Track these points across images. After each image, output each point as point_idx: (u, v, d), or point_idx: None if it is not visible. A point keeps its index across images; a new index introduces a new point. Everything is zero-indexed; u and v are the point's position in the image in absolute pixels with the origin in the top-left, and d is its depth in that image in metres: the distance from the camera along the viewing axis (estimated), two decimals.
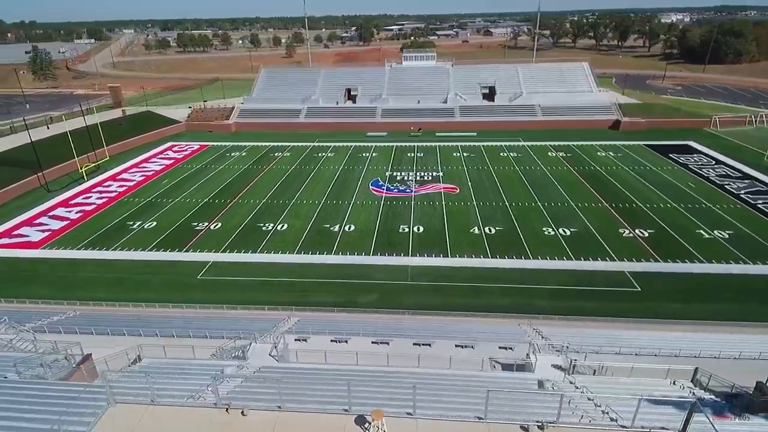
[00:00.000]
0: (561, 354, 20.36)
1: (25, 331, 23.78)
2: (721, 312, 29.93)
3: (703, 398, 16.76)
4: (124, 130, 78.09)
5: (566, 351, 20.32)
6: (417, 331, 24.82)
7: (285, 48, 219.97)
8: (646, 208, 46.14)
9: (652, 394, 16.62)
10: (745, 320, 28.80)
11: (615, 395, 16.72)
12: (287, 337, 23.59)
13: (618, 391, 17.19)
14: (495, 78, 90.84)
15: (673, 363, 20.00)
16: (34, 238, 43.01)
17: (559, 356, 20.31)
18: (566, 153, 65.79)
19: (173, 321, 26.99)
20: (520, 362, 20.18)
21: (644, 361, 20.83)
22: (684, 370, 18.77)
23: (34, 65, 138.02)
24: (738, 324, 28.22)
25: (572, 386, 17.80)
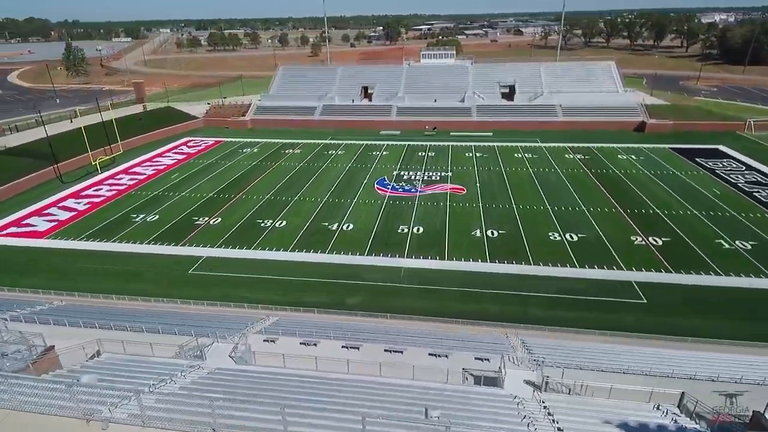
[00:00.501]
0: (537, 368, 18.75)
1: (1, 319, 23.85)
2: (732, 330, 27.41)
3: (685, 427, 14.97)
4: (143, 125, 79.67)
5: (542, 366, 18.68)
6: (393, 336, 23.61)
7: (311, 47, 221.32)
8: (664, 215, 43.34)
9: (626, 420, 14.98)
10: (760, 341, 26.24)
11: (583, 419, 15.17)
12: (256, 337, 22.84)
13: (589, 414, 15.57)
14: (515, 77, 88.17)
15: (663, 384, 18.14)
16: (40, 228, 43.97)
17: (534, 371, 18.73)
18: (585, 155, 62.96)
19: (149, 316, 26.66)
20: (491, 375, 18.71)
21: (630, 380, 19.01)
22: (670, 394, 16.93)
23: (67, 62, 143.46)
24: (751, 344, 25.72)
25: (539, 405, 16.28)
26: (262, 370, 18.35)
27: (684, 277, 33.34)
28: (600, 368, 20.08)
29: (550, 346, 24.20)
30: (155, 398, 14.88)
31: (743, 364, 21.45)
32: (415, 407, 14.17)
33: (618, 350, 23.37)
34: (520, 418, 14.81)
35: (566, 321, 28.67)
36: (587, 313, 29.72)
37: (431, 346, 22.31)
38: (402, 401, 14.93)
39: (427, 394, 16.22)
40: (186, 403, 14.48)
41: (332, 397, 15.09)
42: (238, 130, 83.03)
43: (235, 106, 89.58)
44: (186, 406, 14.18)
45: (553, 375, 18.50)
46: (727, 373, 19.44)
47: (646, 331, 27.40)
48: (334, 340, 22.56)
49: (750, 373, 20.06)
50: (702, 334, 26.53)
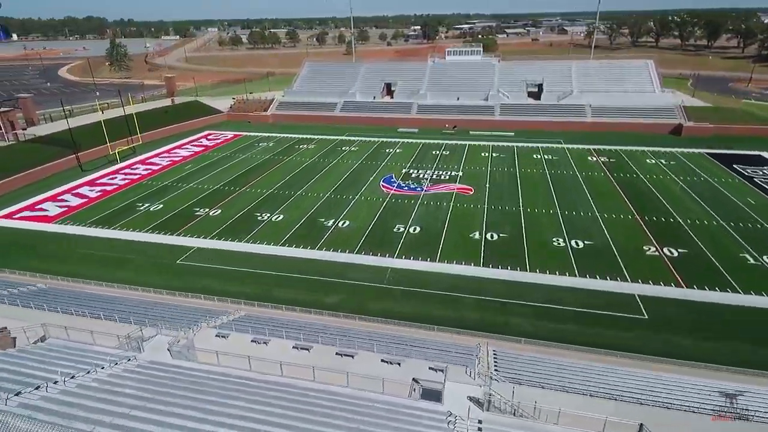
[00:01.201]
0: (484, 385, 16.98)
1: None
2: (743, 355, 24.34)
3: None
4: (169, 118, 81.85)
5: (491, 381, 16.90)
6: (351, 339, 22.29)
7: (345, 46, 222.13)
8: (686, 224, 39.74)
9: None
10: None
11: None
12: (208, 332, 22.16)
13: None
14: (544, 75, 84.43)
15: (629, 412, 15.99)
16: (51, 213, 45.52)
17: (482, 387, 16.97)
18: (609, 158, 59.17)
19: (113, 303, 26.60)
20: (435, 388, 17.08)
21: (593, 405, 16.94)
22: (628, 425, 14.81)
23: (111, 57, 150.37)
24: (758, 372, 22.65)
25: (474, 426, 14.60)
26: (192, 367, 17.57)
27: (696, 293, 30.17)
28: (564, 388, 18.05)
29: (523, 360, 22.21)
30: (59, 390, 14.36)
31: (745, 394, 18.74)
32: (315, 417, 12.92)
33: (596, 369, 21.09)
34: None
35: (551, 333, 26.46)
36: (577, 327, 27.32)
37: (388, 351, 20.87)
38: (306, 410, 13.71)
39: (342, 403, 14.91)
40: (89, 398, 13.89)
41: (236, 399, 14.06)
42: (260, 124, 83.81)
43: (259, 101, 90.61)
44: (87, 401, 13.58)
45: (503, 392, 16.71)
46: (713, 404, 16.98)
47: (641, 350, 24.69)
48: (286, 340, 21.54)
49: (749, 403, 17.49)
50: (706, 358, 23.68)
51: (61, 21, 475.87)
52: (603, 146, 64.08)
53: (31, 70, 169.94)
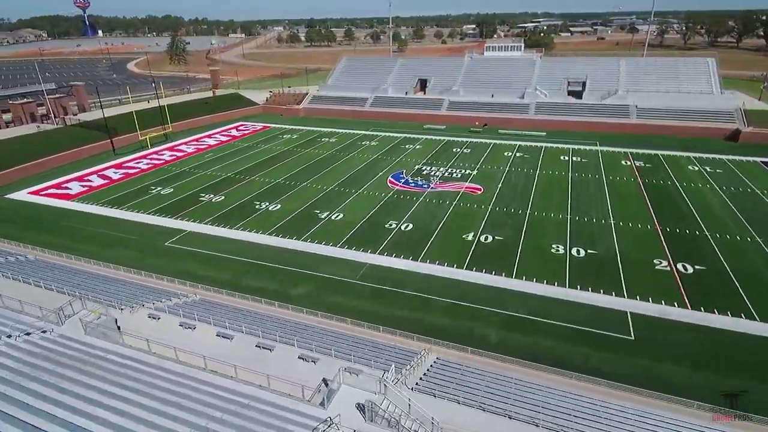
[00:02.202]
0: (378, 393, 15.34)
1: None
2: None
3: None
4: (208, 108, 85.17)
5: (384, 390, 15.20)
6: (286, 332, 21.22)
7: (397, 44, 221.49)
8: (713, 239, 35.07)
9: None
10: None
11: None
12: (142, 312, 22.06)
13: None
14: (589, 73, 78.80)
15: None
16: (73, 191, 48.41)
17: (376, 394, 15.34)
18: (645, 163, 53.90)
19: (71, 274, 27.36)
20: (334, 389, 15.68)
21: (509, 429, 14.86)
22: None
23: (171, 52, 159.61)
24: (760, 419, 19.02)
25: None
26: (101, 346, 17.34)
27: (701, 315, 26.29)
28: (482, 406, 15.99)
29: (463, 371, 20.13)
30: None
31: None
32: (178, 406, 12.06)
33: (539, 389, 18.63)
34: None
35: (517, 347, 24.03)
36: (549, 342, 24.63)
37: (314, 348, 19.63)
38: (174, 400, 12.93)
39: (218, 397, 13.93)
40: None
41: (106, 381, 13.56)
42: (291, 117, 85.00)
43: (293, 94, 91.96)
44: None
45: (418, 403, 15.00)
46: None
47: (611, 375, 21.71)
48: (213, 326, 20.93)
49: None
50: (692, 393, 20.28)
51: (142, 20, 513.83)
52: (642, 150, 58.57)
53: (105, 63, 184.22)
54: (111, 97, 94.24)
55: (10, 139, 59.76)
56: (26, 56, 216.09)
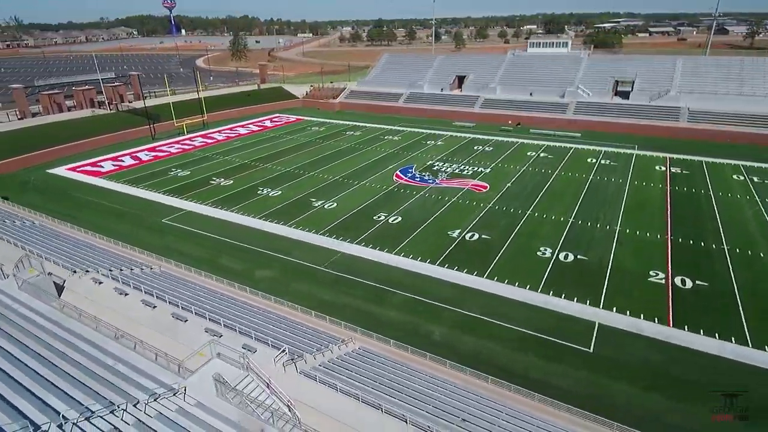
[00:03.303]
0: (240, 367, 14.98)
1: None
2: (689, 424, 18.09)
3: None
4: (250, 100, 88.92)
5: (248, 367, 14.78)
6: (214, 308, 21.44)
7: (455, 42, 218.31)
8: (730, 255, 30.97)
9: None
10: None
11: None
12: (88, 276, 23.27)
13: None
14: (639, 72, 72.71)
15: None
16: (104, 169, 52.44)
17: (241, 370, 15.01)
18: (683, 169, 48.77)
19: (55, 239, 29.44)
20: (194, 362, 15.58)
21: (380, 421, 14.01)
22: None
23: (232, 49, 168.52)
24: None
25: (174, 404, 12.98)
26: (20, 299, 18.51)
27: (683, 335, 23.25)
28: (362, 398, 15.15)
29: (372, 363, 19.24)
30: None
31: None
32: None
33: (437, 391, 17.34)
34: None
35: (458, 348, 22.63)
36: (496, 346, 22.97)
37: (221, 323, 19.55)
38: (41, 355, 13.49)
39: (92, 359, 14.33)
40: None
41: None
42: (327, 111, 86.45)
43: (332, 89, 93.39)
44: None
45: (300, 387, 14.64)
46: None
47: (547, 389, 19.82)
48: (143, 294, 21.62)
49: None
50: (639, 421, 18.02)
51: (222, 20, 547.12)
52: (684, 156, 53.05)
53: (178, 59, 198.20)
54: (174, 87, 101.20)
55: (64, 122, 66.00)
56: (110, 51, 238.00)
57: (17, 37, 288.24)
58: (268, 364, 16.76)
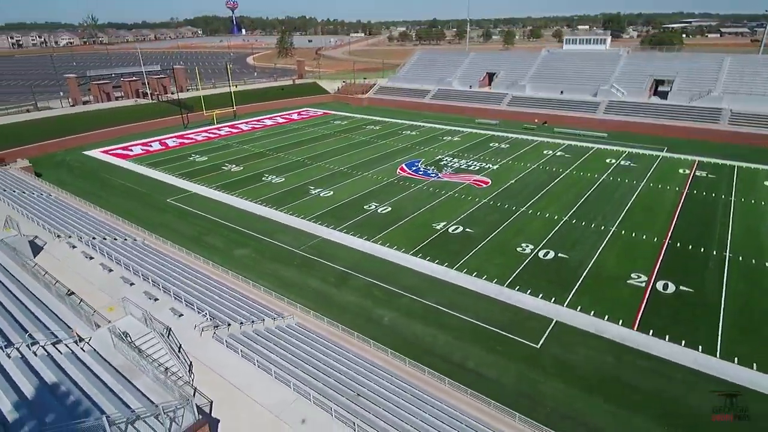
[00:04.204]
0: (147, 325, 15.79)
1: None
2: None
3: None
4: (284, 94, 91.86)
5: (150, 325, 15.54)
6: (167, 276, 22.64)
7: (503, 41, 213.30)
8: (730, 262, 28.56)
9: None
10: None
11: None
12: (68, 241, 25.23)
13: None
14: (681, 71, 67.92)
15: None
16: (132, 153, 56.21)
17: (145, 326, 15.85)
18: (710, 173, 45.21)
19: (55, 208, 32.01)
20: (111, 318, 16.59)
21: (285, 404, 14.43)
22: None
23: (279, 47, 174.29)
24: None
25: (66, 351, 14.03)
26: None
27: (645, 339, 21.78)
28: (274, 374, 15.59)
29: (301, 339, 19.56)
30: None
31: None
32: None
33: (363, 366, 17.39)
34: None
35: (401, 332, 22.56)
36: (439, 333, 22.63)
37: (160, 287, 20.56)
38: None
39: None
40: None
41: None
42: (356, 106, 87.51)
43: (362, 85, 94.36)
44: None
45: (158, 339, 15.37)
46: None
47: (476, 379, 19.37)
48: (106, 258, 23.16)
49: None
50: (556, 415, 17.31)
51: (280, 20, 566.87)
52: (716, 159, 49.09)
53: (230, 56, 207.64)
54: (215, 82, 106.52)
55: (108, 109, 71.32)
56: (170, 49, 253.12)
57: (93, 35, 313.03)
58: (188, 328, 17.54)
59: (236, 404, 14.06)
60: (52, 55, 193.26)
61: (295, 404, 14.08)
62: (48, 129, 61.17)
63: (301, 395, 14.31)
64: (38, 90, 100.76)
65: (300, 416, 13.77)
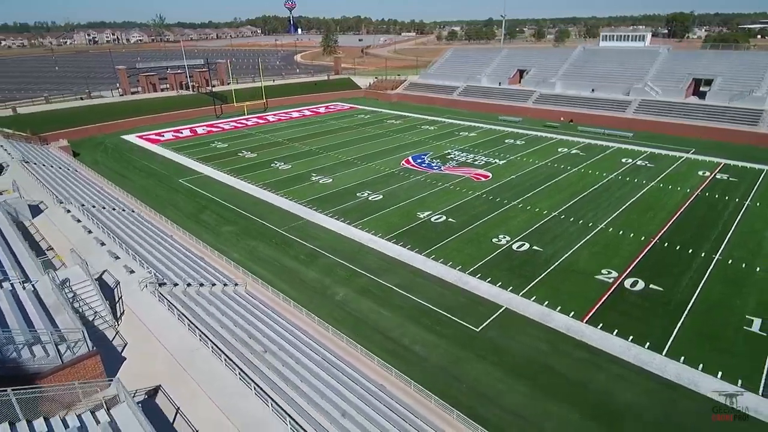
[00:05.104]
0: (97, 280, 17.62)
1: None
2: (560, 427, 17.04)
3: None
4: (317, 88, 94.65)
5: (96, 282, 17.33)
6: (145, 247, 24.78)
7: (554, 40, 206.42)
8: (716, 265, 26.94)
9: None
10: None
11: None
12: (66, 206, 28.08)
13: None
14: (723, 70, 63.39)
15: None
16: (163, 138, 60.44)
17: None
18: (731, 177, 42.27)
19: (74, 182, 35.36)
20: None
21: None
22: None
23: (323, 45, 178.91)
24: None
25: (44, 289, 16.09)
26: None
27: (591, 332, 21.27)
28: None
29: (248, 309, 20.86)
30: None
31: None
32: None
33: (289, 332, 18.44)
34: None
35: (351, 308, 23.49)
36: (387, 312, 23.24)
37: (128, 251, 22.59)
38: None
39: None
40: None
41: None
42: (384, 101, 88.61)
43: (393, 81, 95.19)
44: None
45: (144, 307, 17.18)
46: None
47: (406, 353, 19.90)
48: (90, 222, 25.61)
49: None
50: (480, 399, 17.58)
51: (335, 20, 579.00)
52: (745, 163, 45.71)
53: (280, 54, 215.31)
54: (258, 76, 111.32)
55: (152, 99, 76.92)
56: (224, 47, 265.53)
57: (160, 33, 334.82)
58: (134, 284, 19.31)
59: (145, 347, 15.55)
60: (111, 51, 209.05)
61: (197, 352, 15.36)
62: (95, 115, 66.96)
63: (205, 345, 15.54)
64: (98, 81, 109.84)
65: (198, 362, 15.00)
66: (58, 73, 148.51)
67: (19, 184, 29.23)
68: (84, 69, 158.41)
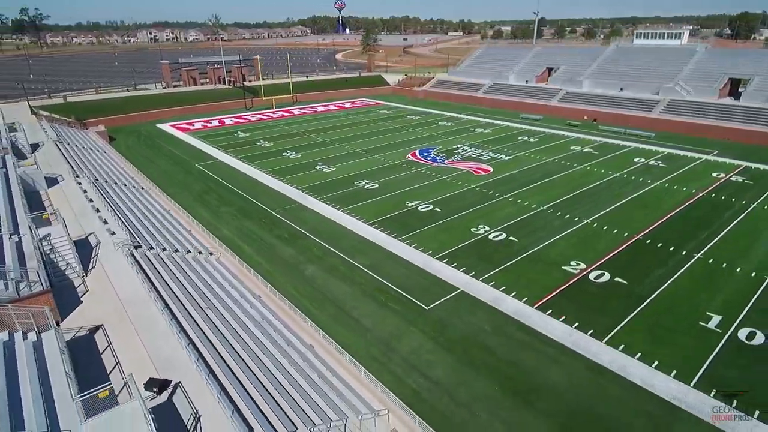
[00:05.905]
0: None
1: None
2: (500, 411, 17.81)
3: None
4: (347, 84, 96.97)
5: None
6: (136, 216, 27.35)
7: (602, 39, 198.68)
8: (695, 263, 26.23)
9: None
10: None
11: None
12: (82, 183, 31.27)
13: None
14: (759, 69, 59.59)
15: None
16: (193, 127, 64.49)
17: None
18: (746, 179, 40.24)
19: (101, 158, 38.87)
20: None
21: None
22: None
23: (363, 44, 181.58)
24: None
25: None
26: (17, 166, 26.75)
27: (546, 322, 21.53)
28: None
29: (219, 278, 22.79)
30: None
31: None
32: None
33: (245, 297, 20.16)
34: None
35: (315, 283, 24.91)
36: (348, 287, 24.52)
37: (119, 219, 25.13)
38: None
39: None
40: None
41: None
42: (410, 98, 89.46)
43: (422, 78, 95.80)
44: None
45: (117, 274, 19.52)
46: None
47: (356, 323, 21.06)
48: (96, 194, 28.48)
49: None
50: (401, 362, 18.56)
51: (383, 20, 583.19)
52: (765, 166, 43.21)
53: (322, 53, 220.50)
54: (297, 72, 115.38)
55: (190, 91, 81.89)
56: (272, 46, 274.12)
57: (215, 32, 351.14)
58: (111, 244, 21.66)
59: (102, 295, 17.68)
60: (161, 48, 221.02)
61: (144, 303, 17.30)
62: (135, 105, 72.30)
63: (153, 299, 17.45)
64: (147, 75, 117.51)
65: (142, 310, 16.92)
66: (116, 68, 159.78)
67: (46, 160, 32.88)
68: (140, 64, 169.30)
